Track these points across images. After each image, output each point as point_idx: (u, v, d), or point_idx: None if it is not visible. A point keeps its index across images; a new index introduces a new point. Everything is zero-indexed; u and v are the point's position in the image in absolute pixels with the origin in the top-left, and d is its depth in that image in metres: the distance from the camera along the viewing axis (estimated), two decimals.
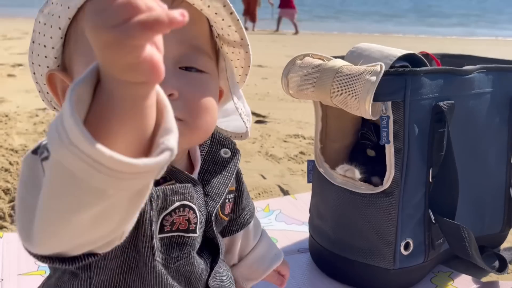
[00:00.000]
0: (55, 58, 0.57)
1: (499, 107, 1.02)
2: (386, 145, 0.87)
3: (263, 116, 2.49)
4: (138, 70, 0.33)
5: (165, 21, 0.31)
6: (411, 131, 0.86)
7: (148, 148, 0.37)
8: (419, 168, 0.89)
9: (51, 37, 0.55)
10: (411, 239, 0.91)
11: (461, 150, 0.94)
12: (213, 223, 0.63)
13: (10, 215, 1.25)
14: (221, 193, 0.63)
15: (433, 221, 0.92)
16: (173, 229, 0.56)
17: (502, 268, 1.01)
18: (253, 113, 2.62)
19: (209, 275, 0.63)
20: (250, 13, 9.12)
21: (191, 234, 0.58)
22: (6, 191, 1.37)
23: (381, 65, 0.81)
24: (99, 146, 0.32)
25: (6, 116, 2.19)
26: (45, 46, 0.56)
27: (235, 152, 0.68)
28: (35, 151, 0.42)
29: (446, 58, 1.22)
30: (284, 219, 1.27)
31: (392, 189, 0.88)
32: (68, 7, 0.53)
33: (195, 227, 0.58)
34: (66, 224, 0.37)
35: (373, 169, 0.96)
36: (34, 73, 0.60)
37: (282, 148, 1.95)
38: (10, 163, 1.58)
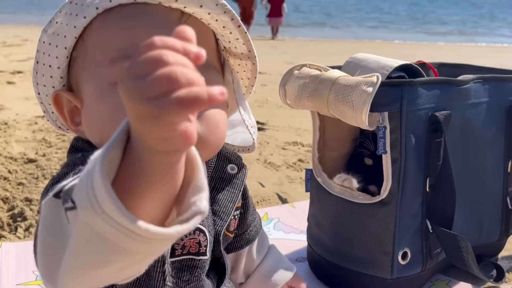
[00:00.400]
0: (61, 78, 0.56)
1: (496, 117, 1.02)
2: (383, 155, 0.87)
3: (262, 123, 2.49)
4: (171, 142, 0.32)
5: (205, 100, 0.30)
6: (408, 141, 0.86)
7: (176, 202, 0.37)
8: (416, 178, 0.89)
9: (56, 57, 0.54)
10: (409, 249, 0.91)
11: (457, 160, 0.94)
12: (221, 242, 0.62)
13: (9, 224, 1.25)
14: (228, 211, 0.62)
15: (430, 231, 0.92)
16: (184, 252, 0.56)
17: (499, 278, 1.01)
18: None
19: None
20: (246, 17, 9.22)
21: (201, 257, 0.58)
22: (5, 200, 1.37)
23: (377, 76, 0.81)
24: (138, 222, 0.32)
25: (5, 123, 2.20)
26: (50, 66, 0.55)
27: (241, 167, 0.67)
28: (57, 195, 0.41)
29: (443, 67, 1.23)
30: (282, 228, 1.27)
31: (389, 199, 0.89)
32: (75, 27, 0.52)
33: (206, 250, 0.58)
34: (92, 276, 0.37)
35: (370, 177, 0.97)
36: (38, 94, 0.60)
37: (280, 155, 1.95)
38: (9, 172, 1.58)
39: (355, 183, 0.96)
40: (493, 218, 1.09)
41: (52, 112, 0.61)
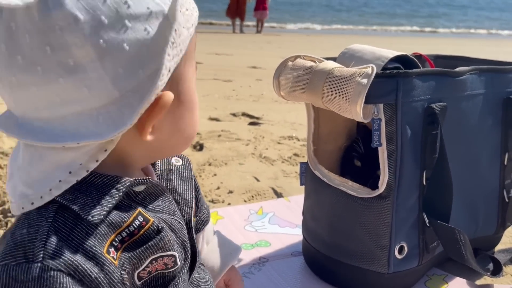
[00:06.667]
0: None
1: (492, 109, 1.01)
2: (379, 148, 0.86)
3: (257, 118, 2.48)
4: None
5: None
6: (404, 133, 0.85)
7: None
8: (412, 171, 0.88)
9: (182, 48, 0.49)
10: (405, 243, 0.90)
11: (454, 152, 0.93)
12: (193, 229, 0.62)
13: None
14: (189, 198, 0.64)
15: (427, 224, 0.91)
16: (152, 273, 0.54)
17: (496, 271, 1.01)
18: (247, 115, 2.61)
19: None
20: (239, 12, 9.25)
21: (171, 269, 0.56)
22: None
23: (372, 67, 0.80)
24: None
25: None
26: (181, 50, 0.49)
27: (184, 158, 0.68)
28: None
29: (439, 59, 1.21)
30: (277, 222, 1.26)
31: (387, 193, 0.87)
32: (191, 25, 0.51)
33: (174, 264, 0.56)
34: None
35: (359, 179, 0.95)
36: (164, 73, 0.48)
37: (276, 150, 1.94)
38: (0, 167, 1.56)
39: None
40: (489, 211, 1.08)
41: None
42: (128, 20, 0.44)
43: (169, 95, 0.49)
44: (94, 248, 0.46)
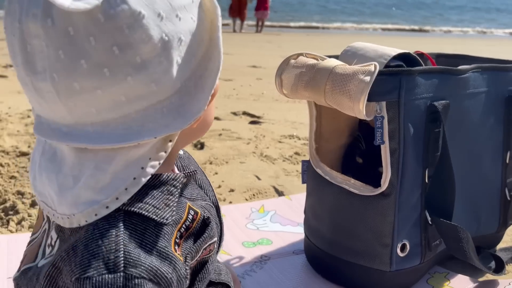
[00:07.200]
0: None
1: (494, 107, 1.01)
2: (381, 146, 0.86)
3: (258, 117, 2.48)
4: None
5: None
6: (406, 131, 0.85)
7: None
8: (415, 169, 0.88)
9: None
10: (408, 241, 0.90)
11: (456, 150, 0.93)
12: (220, 210, 0.64)
13: (1, 218, 1.23)
14: (206, 181, 0.65)
15: (430, 222, 0.91)
16: (198, 261, 0.56)
17: (499, 269, 1.01)
18: (248, 114, 2.61)
19: None
20: (240, 11, 9.26)
21: (212, 253, 0.58)
22: None
23: (375, 65, 0.80)
24: None
25: None
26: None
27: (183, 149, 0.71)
28: None
29: (441, 57, 1.21)
30: (279, 220, 1.26)
31: (389, 191, 0.87)
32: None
33: (213, 248, 0.58)
34: None
35: (361, 176, 0.95)
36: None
37: (277, 148, 1.94)
38: (1, 165, 1.56)
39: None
40: (491, 210, 1.08)
41: None
42: (179, 11, 0.46)
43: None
44: (166, 249, 0.47)
